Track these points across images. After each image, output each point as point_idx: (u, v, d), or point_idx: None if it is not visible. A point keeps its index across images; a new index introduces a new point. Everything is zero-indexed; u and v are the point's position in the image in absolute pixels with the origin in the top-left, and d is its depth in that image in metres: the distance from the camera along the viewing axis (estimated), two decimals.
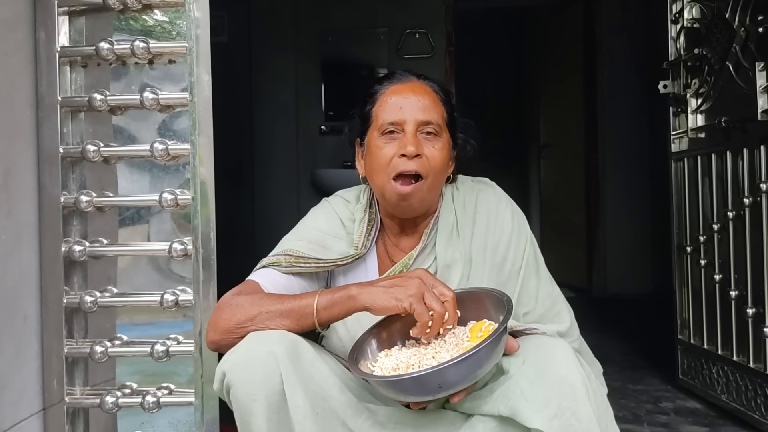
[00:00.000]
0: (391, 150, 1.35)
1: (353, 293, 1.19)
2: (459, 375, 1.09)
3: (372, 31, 5.14)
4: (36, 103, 1.57)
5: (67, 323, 1.59)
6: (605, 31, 5.20)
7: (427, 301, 1.15)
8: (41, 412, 1.58)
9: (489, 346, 1.10)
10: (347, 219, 1.47)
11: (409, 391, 1.12)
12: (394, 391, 1.13)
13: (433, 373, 1.08)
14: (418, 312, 1.14)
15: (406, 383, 1.10)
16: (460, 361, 1.07)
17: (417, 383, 1.09)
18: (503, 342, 1.16)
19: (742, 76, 2.32)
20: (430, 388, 1.10)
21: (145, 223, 1.73)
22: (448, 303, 1.17)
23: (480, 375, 1.14)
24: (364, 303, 1.18)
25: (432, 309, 1.15)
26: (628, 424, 2.46)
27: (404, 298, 1.15)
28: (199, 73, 1.51)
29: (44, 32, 1.56)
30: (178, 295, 1.56)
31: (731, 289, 2.43)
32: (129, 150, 1.59)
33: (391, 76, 1.46)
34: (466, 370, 1.10)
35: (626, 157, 5.14)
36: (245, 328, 1.22)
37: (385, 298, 1.16)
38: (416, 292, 1.16)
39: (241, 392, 1.15)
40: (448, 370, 1.07)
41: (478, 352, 1.08)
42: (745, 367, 2.35)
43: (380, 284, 1.20)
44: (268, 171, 5.08)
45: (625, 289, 5.15)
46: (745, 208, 2.33)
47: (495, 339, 1.11)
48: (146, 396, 1.56)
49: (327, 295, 1.21)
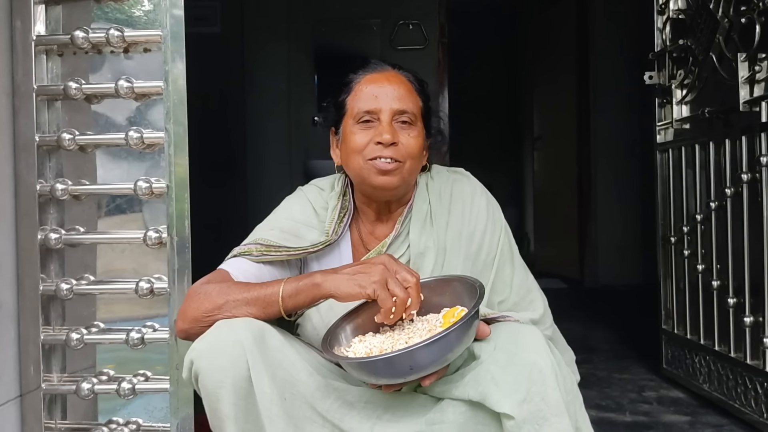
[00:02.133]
0: (366, 137, 1.36)
1: (317, 281, 1.20)
2: (430, 357, 1.10)
3: (365, 22, 5.13)
4: (12, 91, 1.58)
5: (44, 310, 1.60)
6: (598, 23, 5.19)
7: (390, 287, 1.16)
8: (18, 398, 1.59)
9: (459, 329, 1.11)
10: (320, 207, 1.48)
11: (380, 373, 1.13)
12: (366, 373, 1.14)
13: (403, 355, 1.09)
14: (381, 298, 1.15)
15: (378, 365, 1.11)
16: (431, 343, 1.08)
17: (388, 365, 1.10)
18: (474, 326, 1.17)
19: (725, 67, 2.33)
20: (401, 370, 1.11)
21: (138, 212, 1.74)
22: (411, 289, 1.18)
23: (451, 358, 1.15)
24: (328, 290, 1.19)
25: (395, 295, 1.16)
26: (610, 412, 2.48)
27: (367, 285, 1.16)
28: (173, 62, 1.52)
29: (20, 21, 1.56)
30: (153, 282, 1.57)
31: (713, 279, 2.44)
32: (104, 138, 1.60)
33: (366, 65, 1.46)
34: (437, 352, 1.11)
35: (618, 149, 5.15)
36: (213, 317, 1.23)
37: (349, 285, 1.17)
38: (380, 278, 1.17)
39: (209, 379, 1.17)
40: (419, 351, 1.09)
41: (449, 335, 1.10)
42: (727, 356, 2.36)
43: (344, 271, 1.20)
44: (261, 162, 5.08)
45: (616, 280, 5.17)
46: (727, 199, 2.34)
47: (466, 323, 1.12)
48: (122, 383, 1.58)
49: (292, 282, 1.22)
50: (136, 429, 1.62)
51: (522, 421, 1.13)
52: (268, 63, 5.05)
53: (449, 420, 1.19)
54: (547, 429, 1.14)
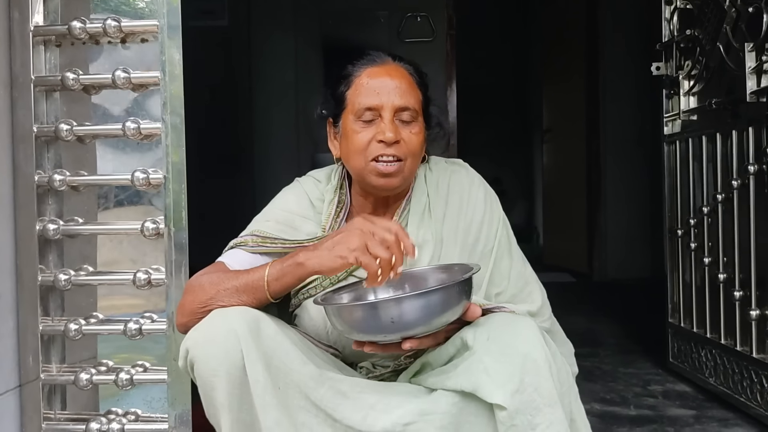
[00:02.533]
0: (368, 135, 1.34)
1: (301, 260, 1.20)
2: (413, 313, 1.11)
3: (372, 14, 5.12)
4: (10, 82, 1.58)
5: (43, 301, 1.61)
6: (608, 14, 5.15)
7: (372, 250, 1.15)
8: (17, 388, 1.60)
9: (446, 290, 1.12)
10: (317, 199, 1.48)
11: (362, 323, 1.13)
12: (348, 322, 1.14)
13: (386, 302, 1.10)
14: (365, 263, 1.14)
15: (358, 310, 1.12)
16: (415, 296, 1.10)
17: (370, 311, 1.11)
18: (463, 300, 1.16)
19: (732, 57, 2.29)
20: (382, 322, 1.11)
21: (148, 204, 1.73)
22: (392, 247, 1.16)
23: (434, 324, 1.15)
24: (312, 268, 1.19)
25: (377, 256, 1.15)
26: (614, 406, 2.46)
27: (348, 254, 1.15)
28: (170, 52, 1.51)
29: (18, 11, 1.56)
30: (150, 273, 1.57)
31: (719, 272, 2.42)
32: (101, 129, 1.60)
33: (366, 57, 1.44)
34: (421, 310, 1.11)
35: (627, 141, 5.11)
36: (207, 308, 1.23)
37: (331, 258, 1.17)
38: (358, 244, 1.15)
39: (204, 368, 1.17)
40: (402, 301, 1.10)
41: (435, 293, 1.11)
42: (732, 350, 2.34)
43: (324, 246, 1.20)
44: (268, 155, 5.08)
45: (626, 273, 5.14)
46: (734, 191, 2.31)
47: (453, 287, 1.12)
48: (120, 373, 1.58)
49: (277, 265, 1.22)
50: (135, 419, 1.63)
51: (514, 412, 1.12)
52: (276, 55, 5.05)
53: (441, 410, 1.18)
54: (539, 419, 1.13)
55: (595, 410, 2.42)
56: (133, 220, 1.61)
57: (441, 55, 5.05)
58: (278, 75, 5.07)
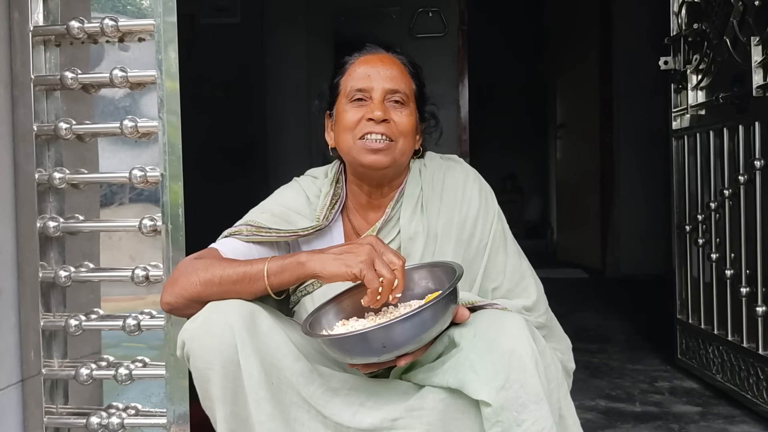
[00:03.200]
0: (358, 114, 1.37)
1: (303, 260, 1.20)
2: (403, 335, 1.10)
3: (384, 10, 5.12)
4: (11, 81, 1.60)
5: (44, 297, 1.63)
6: (621, 8, 5.10)
7: (377, 267, 1.16)
8: (19, 383, 1.63)
9: (433, 307, 1.11)
10: (313, 195, 1.49)
11: (354, 351, 1.13)
12: (341, 351, 1.14)
13: (375, 331, 1.09)
14: (368, 278, 1.15)
15: (351, 341, 1.11)
16: (403, 320, 1.08)
17: (360, 341, 1.10)
18: (451, 309, 1.16)
19: (739, 51, 2.27)
20: (374, 347, 1.11)
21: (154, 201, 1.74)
22: (397, 271, 1.17)
23: (425, 339, 1.15)
24: (313, 270, 1.19)
25: (381, 276, 1.15)
26: (619, 402, 2.45)
27: (354, 264, 1.16)
28: (166, 50, 1.53)
29: (18, 12, 1.59)
30: (148, 270, 1.58)
31: (726, 268, 2.40)
32: (100, 127, 1.61)
33: (360, 47, 1.48)
34: (410, 330, 1.10)
35: (641, 136, 5.07)
36: (197, 291, 1.24)
37: (335, 264, 1.17)
38: (366, 258, 1.16)
39: (199, 361, 1.19)
40: (391, 328, 1.09)
41: (422, 312, 1.10)
42: (739, 346, 2.32)
43: (331, 251, 1.21)
44: (280, 152, 5.10)
45: (640, 269, 5.10)
46: (740, 186, 2.29)
47: (440, 302, 1.11)
48: (119, 368, 1.60)
49: (278, 261, 1.23)
50: (135, 414, 1.65)
51: (500, 408, 1.13)
52: (288, 53, 5.07)
53: (429, 407, 1.19)
54: (525, 416, 1.13)
55: (600, 406, 2.42)
56: (133, 218, 1.62)
57: (453, 51, 5.04)
58: (290, 71, 5.09)
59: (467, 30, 5.06)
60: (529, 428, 1.13)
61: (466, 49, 5.04)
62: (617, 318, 3.87)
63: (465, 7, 5.03)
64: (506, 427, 1.13)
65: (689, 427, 2.20)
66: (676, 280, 2.81)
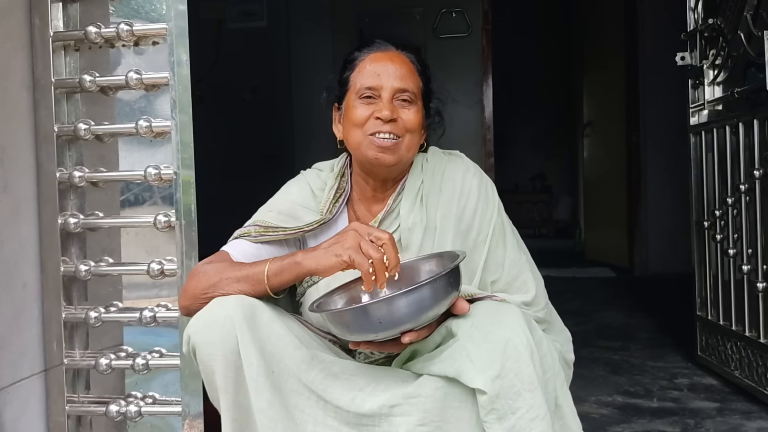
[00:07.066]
0: (367, 111, 1.40)
1: (299, 259, 1.25)
2: (400, 310, 1.13)
3: (408, 11, 5.15)
4: (33, 85, 1.68)
5: (66, 290, 1.70)
6: (647, 6, 5.06)
7: (364, 249, 1.19)
8: (42, 372, 1.70)
9: (432, 285, 1.14)
10: (318, 189, 1.53)
11: (353, 326, 1.17)
12: (341, 325, 1.18)
13: (374, 305, 1.13)
14: (358, 262, 1.18)
15: (348, 314, 1.16)
16: (401, 294, 1.12)
17: (359, 314, 1.15)
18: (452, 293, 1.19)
19: (753, 45, 2.26)
20: (372, 322, 1.14)
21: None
22: (385, 245, 1.20)
23: (422, 319, 1.17)
24: (309, 267, 1.24)
25: (370, 256, 1.19)
26: (637, 398, 2.45)
27: (342, 252, 1.20)
28: (178, 53, 1.59)
29: (38, 18, 1.66)
30: (163, 264, 1.65)
31: (743, 263, 2.38)
32: (116, 128, 1.69)
33: (371, 43, 1.50)
34: (408, 306, 1.13)
35: (668, 134, 5.01)
36: (209, 294, 1.30)
37: (327, 257, 1.22)
38: (352, 243, 1.20)
39: (203, 353, 1.24)
40: (390, 301, 1.12)
41: (420, 289, 1.13)
42: (756, 342, 2.31)
43: (321, 246, 1.25)
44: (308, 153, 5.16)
45: (668, 268, 5.04)
46: (756, 182, 2.27)
47: (438, 280, 1.14)
48: (136, 358, 1.66)
49: (277, 262, 1.28)
50: (153, 402, 1.71)
51: (495, 396, 1.15)
52: (313, 55, 5.13)
53: (426, 394, 1.22)
54: (520, 404, 1.16)
55: (617, 402, 2.42)
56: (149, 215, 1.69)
57: (476, 50, 5.05)
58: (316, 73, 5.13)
59: (491, 30, 5.06)
60: (524, 416, 1.16)
61: (490, 49, 5.05)
62: (642, 316, 3.85)
63: (488, 7, 5.04)
64: (501, 414, 1.16)
65: (705, 422, 2.20)
66: (695, 276, 2.79)
